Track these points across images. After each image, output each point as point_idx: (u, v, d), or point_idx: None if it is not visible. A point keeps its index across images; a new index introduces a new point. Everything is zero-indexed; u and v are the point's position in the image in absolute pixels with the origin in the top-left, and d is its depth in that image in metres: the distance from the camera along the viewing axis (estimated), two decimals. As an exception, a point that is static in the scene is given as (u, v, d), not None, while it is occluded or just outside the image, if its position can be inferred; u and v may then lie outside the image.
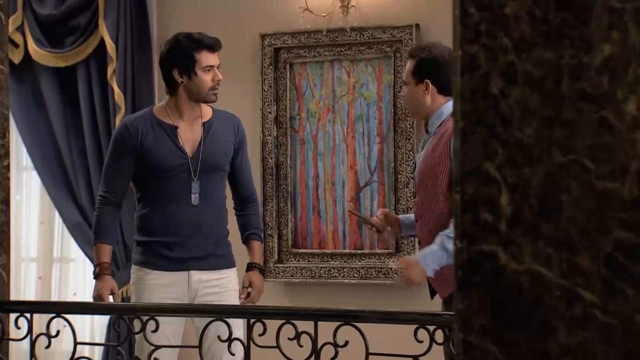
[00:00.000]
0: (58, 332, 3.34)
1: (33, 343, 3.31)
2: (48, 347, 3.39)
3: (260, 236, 4.61)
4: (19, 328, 3.34)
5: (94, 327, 6.30)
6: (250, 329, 3.10)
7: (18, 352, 4.65)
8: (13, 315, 3.36)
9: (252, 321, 3.10)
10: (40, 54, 6.18)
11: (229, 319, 3.18)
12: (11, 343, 3.48)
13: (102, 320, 6.16)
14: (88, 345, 5.92)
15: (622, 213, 1.81)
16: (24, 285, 6.44)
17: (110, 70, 6.03)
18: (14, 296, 3.81)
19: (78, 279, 6.36)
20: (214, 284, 4.38)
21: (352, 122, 5.78)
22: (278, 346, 3.07)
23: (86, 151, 6.14)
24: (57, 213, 6.30)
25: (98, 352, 6.16)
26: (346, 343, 2.97)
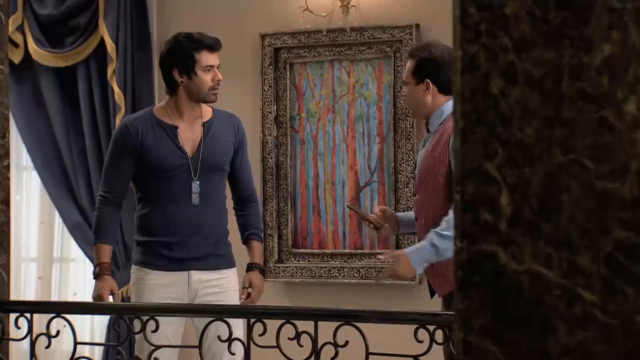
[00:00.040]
0: (58, 332, 3.34)
1: (33, 343, 3.31)
2: (48, 347, 3.39)
3: (260, 236, 4.61)
4: (19, 328, 3.34)
5: (94, 327, 6.30)
6: (250, 328, 3.10)
7: (18, 352, 4.65)
8: (13, 315, 3.36)
9: (252, 321, 3.10)
10: (40, 54, 6.18)
11: (229, 319, 3.18)
12: (11, 343, 3.48)
13: (102, 320, 6.15)
14: (88, 345, 5.92)
15: (622, 213, 1.81)
16: (24, 285, 6.43)
17: (110, 70, 6.03)
18: (14, 296, 3.80)
19: (78, 279, 6.36)
20: (214, 284, 4.38)
21: (352, 122, 5.78)
22: (278, 346, 3.07)
23: (86, 151, 6.14)
24: (57, 213, 6.30)
25: (98, 352, 6.16)
26: (346, 343, 2.97)
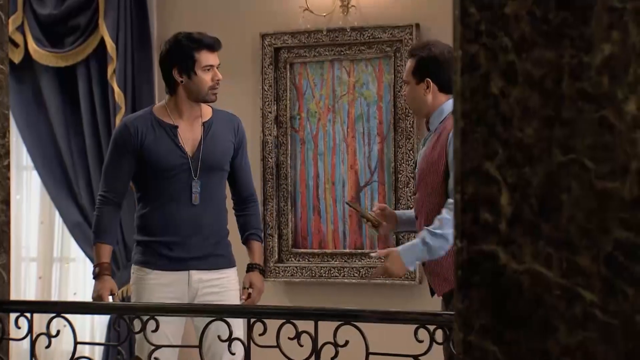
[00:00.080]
0: (58, 332, 3.34)
1: (33, 343, 3.31)
2: (48, 346, 3.39)
3: (260, 236, 4.61)
4: (19, 328, 3.34)
5: (94, 327, 6.30)
6: (250, 328, 3.10)
7: (18, 352, 4.65)
8: (13, 315, 3.36)
9: (253, 321, 3.10)
10: (41, 54, 6.18)
11: (229, 319, 3.18)
12: (11, 343, 3.48)
13: (103, 320, 6.15)
14: (88, 345, 5.92)
15: (622, 213, 1.81)
16: (24, 285, 6.44)
17: (110, 70, 6.03)
18: (14, 296, 3.81)
19: (78, 278, 6.36)
20: (214, 284, 4.38)
21: (352, 122, 5.78)
22: (278, 346, 3.07)
23: (86, 151, 6.14)
24: (57, 213, 6.30)
25: (98, 351, 6.16)
26: (346, 343, 2.97)
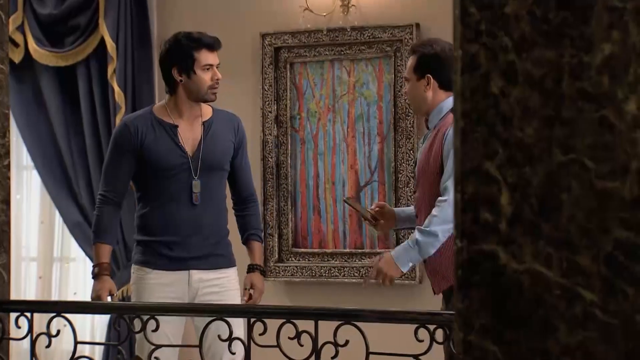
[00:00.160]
0: (58, 332, 3.34)
1: (33, 342, 3.31)
2: (48, 346, 3.39)
3: (261, 237, 4.60)
4: (19, 327, 3.34)
5: (94, 327, 6.30)
6: (250, 328, 3.10)
7: (18, 352, 4.65)
8: (13, 315, 3.36)
9: (253, 320, 3.10)
10: (41, 54, 6.18)
11: (229, 318, 3.18)
12: (12, 342, 3.48)
13: (103, 320, 6.15)
14: (88, 345, 5.93)
15: (622, 212, 1.81)
16: (24, 285, 6.44)
17: (110, 69, 6.03)
18: (14, 295, 3.81)
19: (78, 278, 6.36)
20: (214, 284, 4.38)
21: (352, 122, 5.78)
22: (278, 345, 3.07)
23: (86, 150, 6.14)
24: (57, 212, 6.30)
25: (98, 351, 6.16)
26: (346, 342, 2.97)
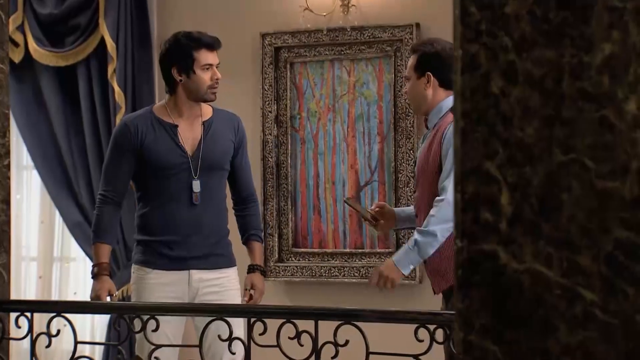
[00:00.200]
0: (58, 332, 3.34)
1: (33, 342, 3.31)
2: (48, 346, 3.39)
3: (261, 237, 4.60)
4: (19, 327, 3.34)
5: (94, 327, 6.30)
6: (250, 328, 3.10)
7: (18, 351, 4.65)
8: (13, 315, 3.36)
9: (253, 320, 3.10)
10: (41, 53, 6.18)
11: (229, 318, 3.18)
12: (12, 342, 3.48)
13: (103, 320, 6.15)
14: (88, 345, 5.93)
15: (622, 212, 1.81)
16: (25, 285, 6.43)
17: (110, 69, 6.03)
18: (14, 295, 3.81)
19: (78, 278, 6.35)
20: (214, 283, 4.38)
21: (352, 122, 5.78)
22: (278, 345, 3.07)
23: (86, 150, 6.14)
24: (57, 212, 6.30)
25: (98, 351, 6.16)
26: (347, 342, 2.97)
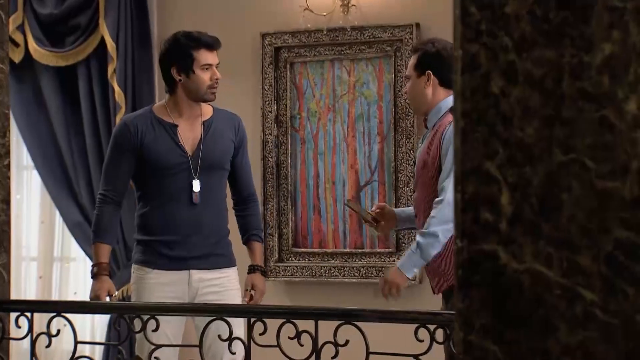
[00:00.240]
0: (58, 331, 3.34)
1: (33, 342, 3.31)
2: (48, 346, 3.39)
3: (261, 237, 4.60)
4: (19, 327, 3.34)
5: (94, 326, 6.30)
6: (250, 328, 3.10)
7: (18, 351, 4.65)
8: (13, 315, 3.36)
9: (253, 320, 3.10)
10: (41, 53, 6.18)
11: (229, 318, 3.18)
12: (12, 342, 3.48)
13: (103, 320, 6.15)
14: (89, 345, 5.93)
15: (622, 212, 1.81)
16: (25, 285, 6.43)
17: (110, 69, 6.03)
18: (14, 295, 3.81)
19: (79, 278, 6.35)
20: (214, 283, 4.38)
21: (352, 121, 5.78)
22: (278, 345, 3.07)
23: (87, 150, 6.14)
24: (57, 212, 6.30)
25: (99, 351, 6.16)
26: (347, 342, 2.97)
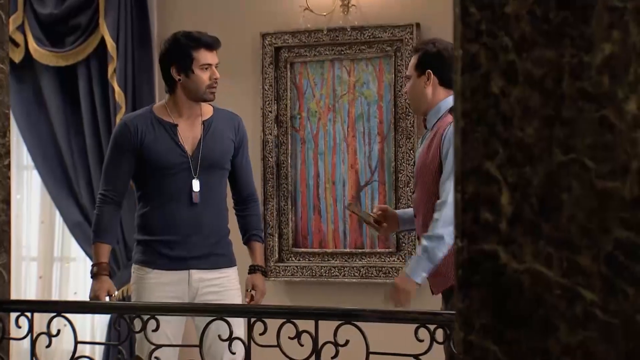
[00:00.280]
0: (59, 332, 3.34)
1: (34, 342, 3.31)
2: (49, 346, 3.39)
3: (262, 237, 4.60)
4: (19, 327, 3.34)
5: (94, 326, 6.30)
6: (250, 328, 3.10)
7: (19, 351, 4.65)
8: (14, 315, 3.36)
9: (253, 320, 3.10)
10: (41, 53, 6.18)
11: (229, 318, 3.18)
12: (12, 342, 3.48)
13: (103, 320, 6.16)
14: (89, 345, 5.93)
15: (622, 212, 1.81)
16: (25, 285, 6.43)
17: (110, 69, 6.03)
18: (14, 295, 3.81)
19: (79, 278, 6.35)
20: (214, 283, 4.38)
21: (352, 121, 5.78)
22: (279, 345, 3.07)
23: (87, 150, 6.14)
24: (57, 212, 6.30)
25: (99, 351, 6.16)
26: (347, 342, 2.97)
